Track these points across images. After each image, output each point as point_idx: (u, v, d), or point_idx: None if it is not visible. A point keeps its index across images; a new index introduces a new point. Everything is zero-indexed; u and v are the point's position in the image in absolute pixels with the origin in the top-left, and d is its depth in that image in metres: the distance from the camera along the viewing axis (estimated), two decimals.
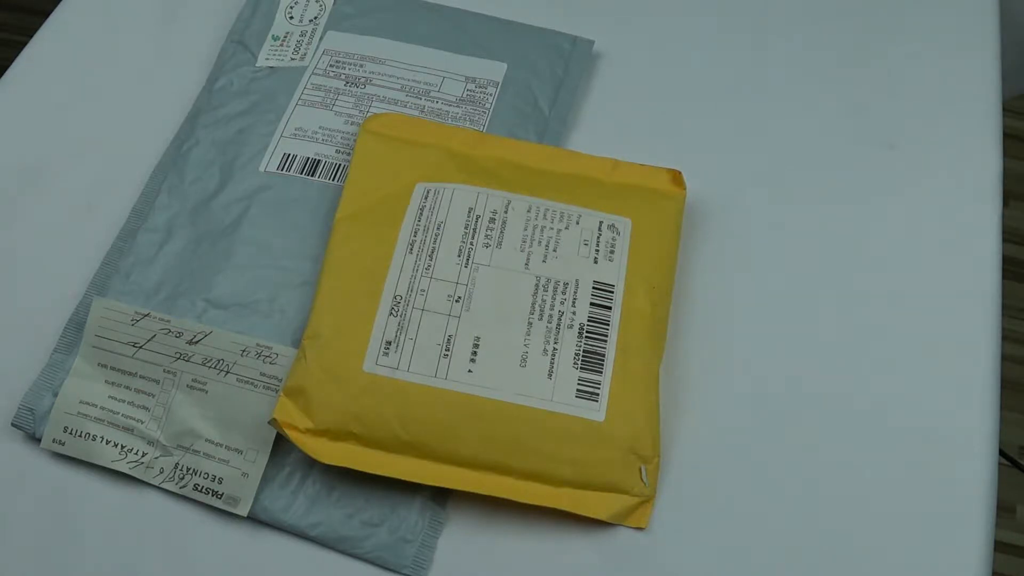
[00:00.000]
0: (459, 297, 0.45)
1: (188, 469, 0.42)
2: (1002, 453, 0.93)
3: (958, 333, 0.47)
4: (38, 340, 0.46)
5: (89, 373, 0.44)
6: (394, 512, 0.42)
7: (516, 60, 0.55)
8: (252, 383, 0.43)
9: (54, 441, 0.43)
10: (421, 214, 0.47)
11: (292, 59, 0.54)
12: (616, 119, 0.54)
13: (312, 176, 0.50)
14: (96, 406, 0.43)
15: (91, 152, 0.52)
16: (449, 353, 0.43)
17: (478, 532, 0.42)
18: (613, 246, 0.47)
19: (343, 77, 0.53)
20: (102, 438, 0.43)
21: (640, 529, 0.42)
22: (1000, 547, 1.06)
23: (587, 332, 0.44)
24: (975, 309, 0.48)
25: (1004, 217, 0.90)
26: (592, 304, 0.45)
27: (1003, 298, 0.50)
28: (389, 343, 0.43)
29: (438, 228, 0.46)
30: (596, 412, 0.43)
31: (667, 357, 0.46)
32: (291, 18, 0.56)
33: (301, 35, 0.55)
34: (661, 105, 0.55)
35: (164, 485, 0.42)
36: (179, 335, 0.44)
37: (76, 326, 0.46)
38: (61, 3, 0.58)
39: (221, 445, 0.42)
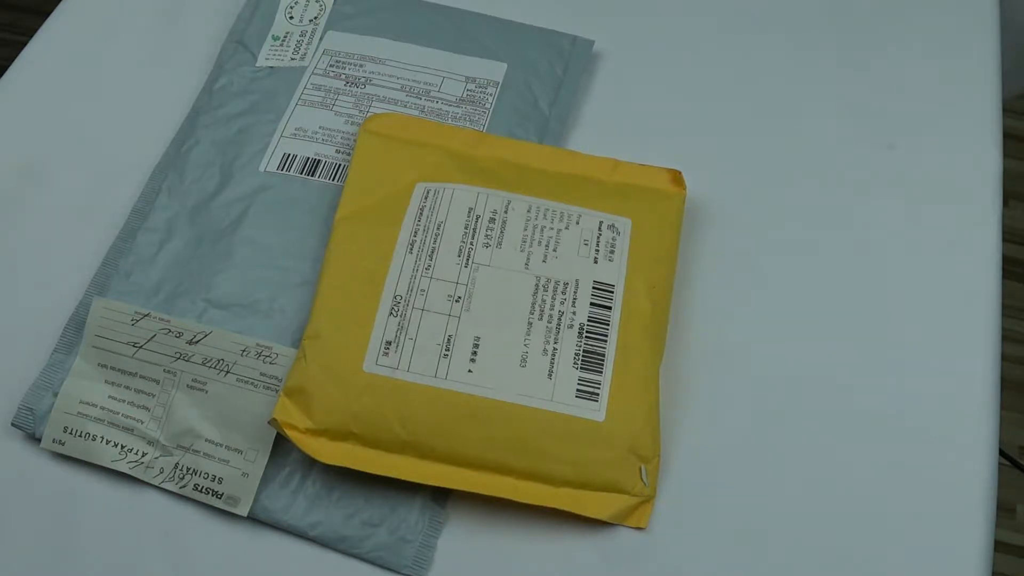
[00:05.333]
0: (459, 297, 0.45)
1: (188, 469, 0.42)
2: (1002, 453, 0.93)
3: (958, 333, 0.47)
4: (38, 340, 0.46)
5: (89, 373, 0.44)
6: (394, 512, 0.42)
7: (516, 60, 0.55)
8: (252, 383, 0.43)
9: (54, 441, 0.43)
10: (421, 214, 0.47)
11: (292, 59, 0.54)
12: (616, 119, 0.54)
13: (312, 176, 0.50)
14: (96, 406, 0.43)
15: (91, 152, 0.52)
16: (449, 353, 0.43)
17: (478, 532, 0.42)
18: (613, 246, 0.47)
19: (343, 77, 0.53)
20: (102, 438, 0.43)
21: (640, 529, 0.42)
22: (1000, 547, 1.06)
23: (587, 332, 0.44)
24: (975, 309, 0.48)
25: (1004, 217, 0.90)
26: (592, 304, 0.45)
27: (1003, 298, 0.50)
28: (389, 343, 0.43)
29: (438, 228, 0.46)
30: (596, 412, 0.43)
31: (667, 357, 0.46)
32: (291, 18, 0.56)
33: (301, 35, 0.55)
34: (661, 105, 0.55)
35: (164, 485, 0.42)
36: (179, 335, 0.44)
37: (76, 326, 0.46)
38: (61, 3, 0.58)
39: (221, 445, 0.42)
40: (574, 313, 0.45)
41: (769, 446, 0.44)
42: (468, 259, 0.46)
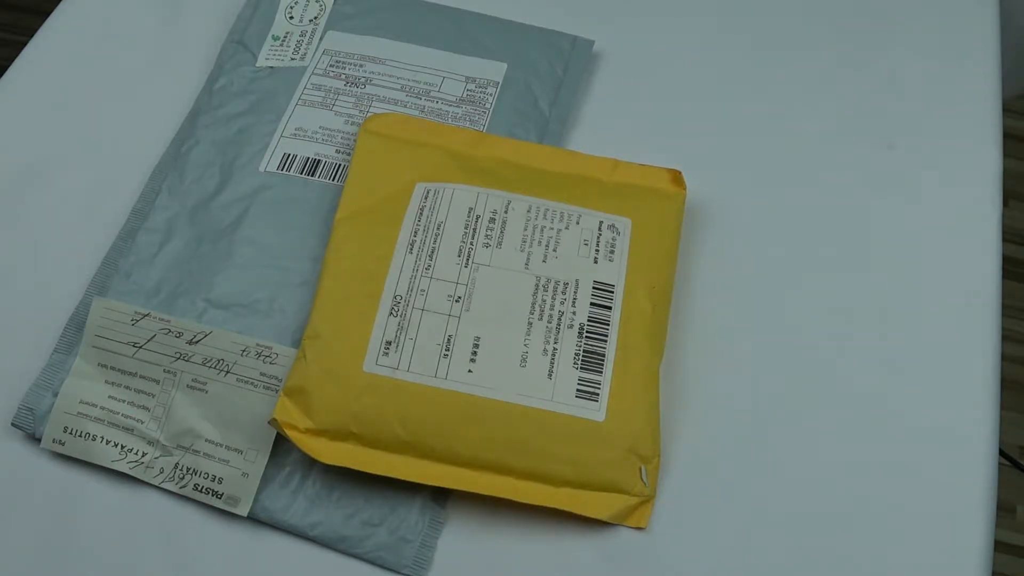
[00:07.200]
0: (459, 297, 0.45)
1: (188, 469, 0.42)
2: (1002, 453, 0.93)
3: (958, 333, 0.47)
4: (38, 340, 0.46)
5: (89, 373, 0.44)
6: (394, 512, 0.42)
7: (516, 60, 0.55)
8: (252, 383, 0.43)
9: (54, 441, 0.43)
10: (421, 214, 0.47)
11: (292, 59, 0.54)
12: (616, 119, 0.54)
13: (312, 176, 0.50)
14: (96, 406, 0.43)
15: (91, 152, 0.52)
16: (449, 353, 0.43)
17: (478, 532, 0.42)
18: (613, 246, 0.47)
19: (343, 77, 0.53)
20: (102, 438, 0.43)
21: (640, 529, 0.42)
22: (1000, 547, 1.06)
23: (587, 332, 0.44)
24: (975, 309, 0.48)
25: (1004, 217, 0.90)
26: (592, 304, 0.45)
27: (1003, 298, 0.50)
28: (389, 343, 0.43)
29: (438, 228, 0.46)
30: (596, 412, 0.43)
31: (667, 357, 0.46)
32: (291, 18, 0.56)
33: (301, 35, 0.55)
34: (661, 105, 0.55)
35: (164, 485, 0.42)
36: (179, 335, 0.44)
37: (76, 326, 0.46)
38: (61, 3, 0.58)
39: (221, 445, 0.42)
40: (574, 313, 0.45)
41: (769, 446, 0.44)
42: (468, 259, 0.46)
